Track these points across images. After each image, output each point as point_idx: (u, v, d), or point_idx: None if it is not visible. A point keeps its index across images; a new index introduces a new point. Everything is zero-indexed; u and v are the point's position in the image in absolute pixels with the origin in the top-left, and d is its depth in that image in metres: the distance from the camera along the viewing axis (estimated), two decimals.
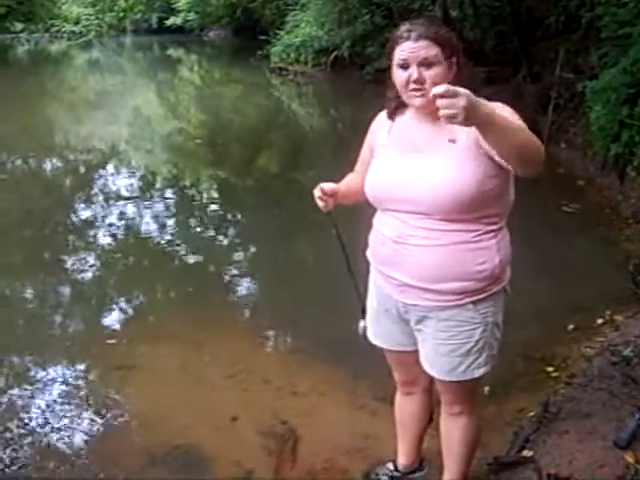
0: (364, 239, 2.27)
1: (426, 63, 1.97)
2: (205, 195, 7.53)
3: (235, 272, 5.04)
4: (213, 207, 6.93)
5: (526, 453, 2.71)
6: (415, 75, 1.97)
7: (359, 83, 13.06)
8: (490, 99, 2.06)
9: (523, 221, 5.11)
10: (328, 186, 2.23)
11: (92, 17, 18.37)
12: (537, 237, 5.03)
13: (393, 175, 2.08)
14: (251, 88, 16.13)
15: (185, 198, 7.33)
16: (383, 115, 2.25)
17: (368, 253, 2.28)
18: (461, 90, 1.64)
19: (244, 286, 4.82)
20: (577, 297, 4.14)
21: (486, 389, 3.05)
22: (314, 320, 4.01)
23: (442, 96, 1.64)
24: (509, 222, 2.16)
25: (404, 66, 1.99)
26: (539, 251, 4.76)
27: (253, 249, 5.59)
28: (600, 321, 3.83)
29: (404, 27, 2.02)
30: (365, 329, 2.37)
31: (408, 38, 1.98)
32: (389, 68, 2.11)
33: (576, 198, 6.08)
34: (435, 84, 1.95)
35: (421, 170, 2.02)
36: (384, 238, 2.14)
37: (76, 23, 20.53)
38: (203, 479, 2.76)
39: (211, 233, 6.08)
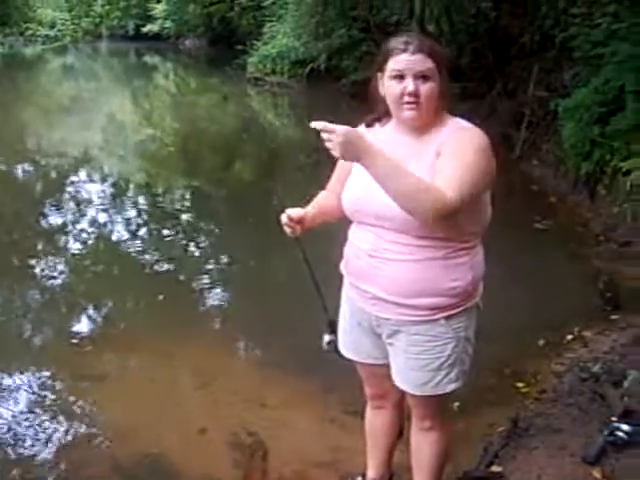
0: (331, 255, 2.26)
1: (422, 76, 1.97)
2: (178, 203, 7.48)
3: (206, 281, 5.01)
4: (185, 215, 6.88)
5: (495, 468, 2.71)
6: (411, 88, 1.96)
7: (335, 95, 13.10)
8: (463, 116, 2.09)
9: (495, 237, 5.14)
10: (295, 213, 2.19)
11: (68, 22, 18.24)
12: (509, 253, 5.04)
13: (366, 190, 2.06)
14: (227, 97, 16.09)
15: (157, 206, 7.29)
16: (362, 128, 2.25)
17: (342, 266, 2.27)
18: (339, 129, 1.79)
19: (215, 296, 4.79)
20: (547, 313, 4.15)
21: (456, 404, 3.05)
22: (285, 332, 3.98)
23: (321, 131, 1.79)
24: (482, 237, 2.16)
25: (399, 78, 1.99)
26: (511, 267, 4.78)
27: (225, 259, 5.56)
28: (570, 337, 3.86)
29: (400, 39, 2.02)
30: (330, 343, 2.33)
31: (405, 50, 1.98)
32: (372, 80, 2.11)
33: (548, 215, 6.14)
34: (429, 98, 1.97)
35: None
36: (359, 251, 2.14)
37: (51, 27, 20.36)
38: None
39: (183, 242, 6.03)
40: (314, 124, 1.83)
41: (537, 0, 8.39)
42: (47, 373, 3.64)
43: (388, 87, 2.02)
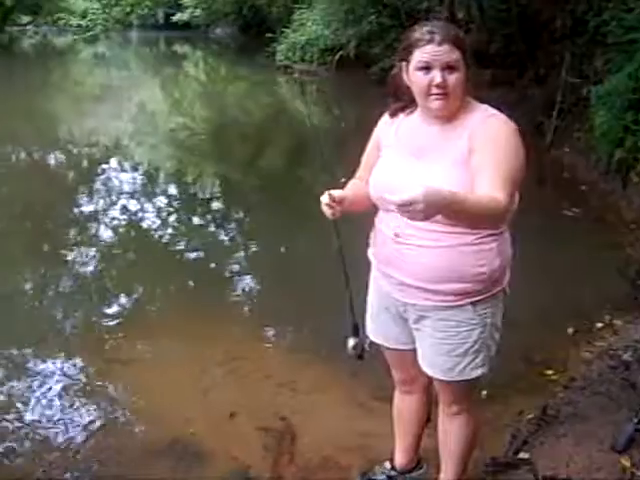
0: (364, 243, 2.26)
1: (449, 67, 1.96)
2: (208, 191, 7.54)
3: (237, 268, 5.05)
4: (215, 203, 6.93)
5: (523, 455, 2.72)
6: (439, 79, 1.96)
7: (364, 83, 13.04)
8: (491, 103, 2.10)
9: (526, 224, 5.13)
10: (337, 193, 2.14)
11: (99, 11, 18.39)
12: (539, 241, 5.03)
13: (393, 177, 2.08)
14: (256, 85, 16.14)
15: (188, 194, 7.36)
16: (386, 118, 2.26)
17: (369, 252, 2.29)
18: (417, 197, 1.64)
19: (246, 282, 4.83)
20: (577, 301, 4.14)
21: (484, 392, 3.06)
22: (315, 317, 4.01)
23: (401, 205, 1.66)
24: (511, 225, 2.16)
25: (426, 69, 1.98)
26: (541, 255, 4.77)
27: (255, 246, 5.58)
28: (600, 325, 3.84)
29: (425, 29, 2.00)
30: (355, 347, 2.28)
31: (431, 41, 1.96)
32: (395, 69, 2.12)
33: (579, 202, 6.09)
34: (457, 88, 1.98)
35: (419, 175, 2.01)
36: (385, 237, 2.15)
37: (83, 17, 20.54)
38: (200, 476, 2.76)
39: (213, 229, 6.08)
40: (389, 198, 1.70)
41: None
42: (79, 358, 3.69)
43: (414, 78, 2.02)
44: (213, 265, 5.25)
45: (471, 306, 2.09)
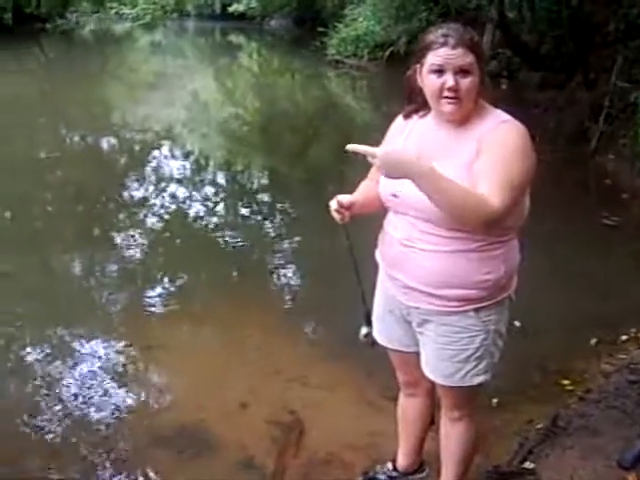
0: (375, 244, 2.28)
1: (462, 71, 1.95)
2: (255, 182, 7.63)
3: (277, 261, 5.10)
4: (262, 194, 7.00)
5: (528, 465, 2.69)
6: (451, 82, 1.95)
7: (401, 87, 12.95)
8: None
9: (560, 230, 5.15)
10: (346, 198, 2.19)
11: (149, 1, 18.65)
12: (573, 248, 4.97)
13: (402, 179, 2.09)
14: (307, 79, 16.17)
15: (235, 184, 7.47)
16: (399, 119, 2.26)
17: (377, 253, 2.30)
18: (378, 153, 1.88)
19: (283, 275, 4.88)
20: (605, 311, 4.07)
21: (495, 400, 3.06)
22: (340, 315, 4.02)
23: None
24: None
25: (438, 72, 1.98)
26: (574, 263, 4.71)
27: (297, 239, 5.61)
28: (624, 337, 3.76)
29: (440, 31, 1.99)
30: (367, 335, 2.35)
31: (445, 44, 1.95)
32: (410, 71, 2.12)
33: (619, 211, 5.95)
34: (469, 92, 1.97)
35: None
36: (392, 239, 2.16)
37: (134, 6, 20.85)
38: (205, 463, 2.81)
39: (258, 220, 6.14)
40: (350, 147, 1.91)
41: None
42: (113, 342, 3.80)
43: (427, 80, 2.01)
44: (255, 256, 5.33)
45: (474, 312, 2.08)
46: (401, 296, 2.18)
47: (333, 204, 2.19)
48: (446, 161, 2.02)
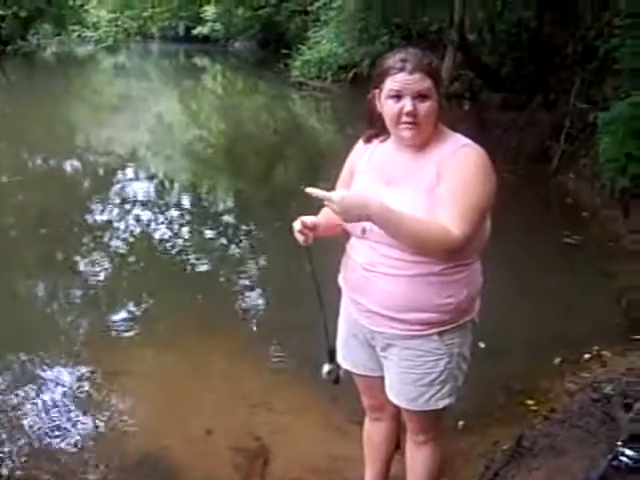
0: (337, 269, 2.27)
1: (420, 95, 1.96)
2: (220, 204, 7.62)
3: (243, 283, 5.08)
4: (227, 217, 6.99)
5: None
6: (409, 107, 1.96)
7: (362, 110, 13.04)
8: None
9: (523, 250, 5.20)
10: (310, 220, 2.17)
11: (111, 23, 18.61)
12: (535, 267, 5.02)
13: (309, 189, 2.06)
14: (272, 101, 16.22)
15: (200, 206, 7.43)
16: (360, 144, 2.26)
17: (340, 278, 2.29)
18: (334, 198, 1.90)
19: (248, 298, 4.86)
20: (568, 330, 4.10)
21: (461, 422, 3.06)
22: (305, 339, 3.97)
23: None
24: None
25: (397, 97, 1.98)
26: (535, 281, 4.75)
27: (262, 261, 5.63)
28: (587, 356, 3.78)
29: (398, 56, 1.99)
30: (329, 372, 2.31)
31: (402, 69, 1.96)
32: (369, 96, 2.12)
33: (580, 229, 6.03)
34: (428, 116, 1.98)
35: (387, 202, 2.00)
36: (354, 264, 2.15)
37: (96, 29, 20.79)
38: None
39: (223, 242, 6.12)
40: (308, 190, 1.93)
41: (581, 10, 8.24)
42: (77, 368, 3.75)
43: (386, 106, 2.02)
44: (220, 279, 5.28)
45: (437, 336, 2.08)
46: (364, 320, 2.17)
47: (297, 225, 2.16)
48: (406, 186, 2.03)
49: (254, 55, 27.88)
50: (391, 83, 1.98)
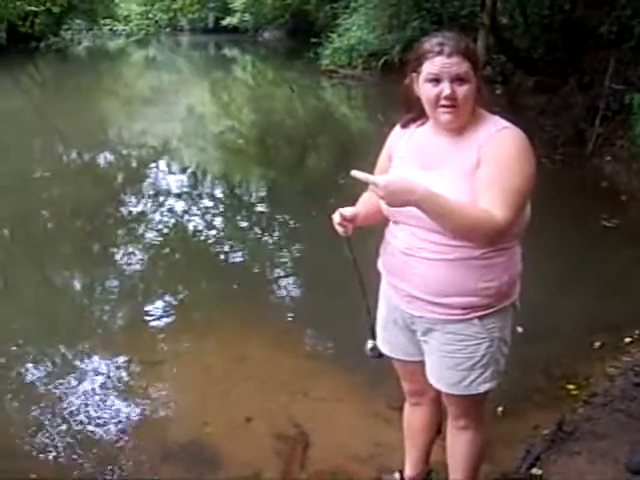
0: (376, 255, 2.27)
1: (458, 79, 1.96)
2: (253, 194, 7.63)
3: (277, 273, 5.11)
4: (261, 207, 7.00)
5: (535, 471, 2.68)
6: (447, 91, 1.96)
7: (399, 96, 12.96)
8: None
9: (560, 234, 5.15)
10: (348, 211, 2.19)
11: (142, 17, 18.73)
12: (573, 251, 4.97)
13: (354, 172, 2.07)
14: (302, 90, 16.19)
15: (234, 197, 7.47)
16: (397, 129, 2.26)
17: (379, 263, 2.29)
18: (380, 182, 1.86)
19: (283, 287, 4.88)
20: (607, 314, 4.06)
21: (500, 409, 3.06)
22: (341, 326, 4.02)
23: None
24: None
25: (435, 81, 1.98)
26: (574, 265, 4.71)
27: (297, 251, 5.64)
28: (628, 340, 3.75)
29: (435, 40, 1.99)
30: (373, 349, 2.34)
31: (441, 52, 1.96)
32: (406, 80, 2.12)
33: (618, 213, 5.94)
34: (466, 100, 1.97)
35: (428, 185, 2.01)
36: (394, 249, 2.15)
37: (128, 22, 20.93)
38: (212, 479, 2.81)
39: (257, 232, 6.15)
40: (353, 173, 1.89)
41: None
42: (118, 356, 3.80)
43: (424, 90, 2.01)
44: (255, 269, 5.29)
45: (478, 320, 2.08)
46: (404, 305, 2.18)
47: (336, 217, 2.18)
48: (446, 170, 2.02)
49: (284, 44, 27.85)
50: (429, 66, 1.98)
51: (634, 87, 7.25)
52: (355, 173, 1.89)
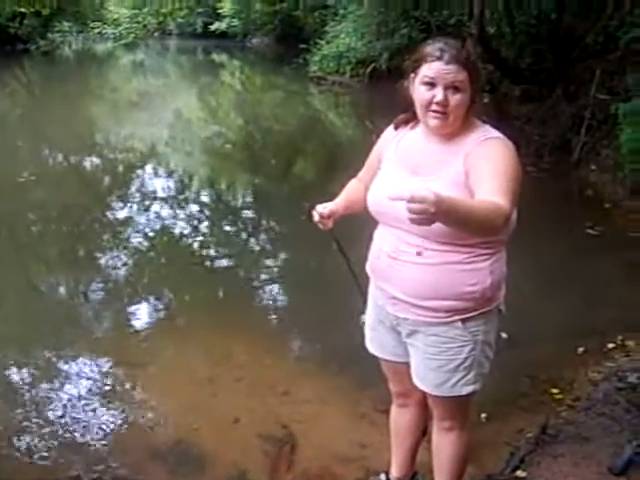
0: (365, 241, 2.30)
1: (453, 87, 1.98)
2: (240, 200, 7.64)
3: (263, 278, 5.11)
4: (247, 212, 7.01)
5: (520, 474, 2.71)
6: (440, 97, 1.98)
7: (396, 95, 13.01)
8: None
9: (545, 241, 5.19)
10: (327, 209, 2.27)
11: (132, 20, 18.73)
12: (558, 258, 5.02)
13: (389, 192, 2.11)
14: (290, 96, 16.23)
15: (220, 202, 7.47)
16: (390, 130, 2.29)
17: (367, 265, 2.32)
18: (428, 197, 1.59)
19: (268, 292, 4.88)
20: (591, 320, 4.10)
21: (483, 415, 3.09)
22: (328, 329, 4.06)
23: (409, 201, 1.60)
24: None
25: (430, 85, 2.00)
26: (558, 272, 4.75)
27: (283, 255, 5.67)
28: (611, 346, 3.79)
29: (437, 45, 2.01)
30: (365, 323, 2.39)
31: (440, 58, 1.98)
32: (405, 80, 2.14)
33: (602, 221, 6.01)
34: (457, 109, 2.00)
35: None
36: (380, 252, 2.18)
37: (117, 25, 20.91)
38: (198, 478, 2.82)
39: (243, 237, 6.16)
40: (395, 195, 1.65)
41: (602, 0, 8.17)
42: (103, 360, 3.79)
43: (417, 92, 2.04)
44: (241, 274, 5.31)
45: (461, 323, 2.10)
46: (390, 307, 2.21)
47: (315, 216, 2.27)
48: (433, 177, 2.05)
49: (272, 50, 27.87)
50: (427, 70, 2.00)
51: (619, 97, 7.32)
52: (392, 194, 1.68)
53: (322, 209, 2.27)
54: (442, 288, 2.06)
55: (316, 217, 2.27)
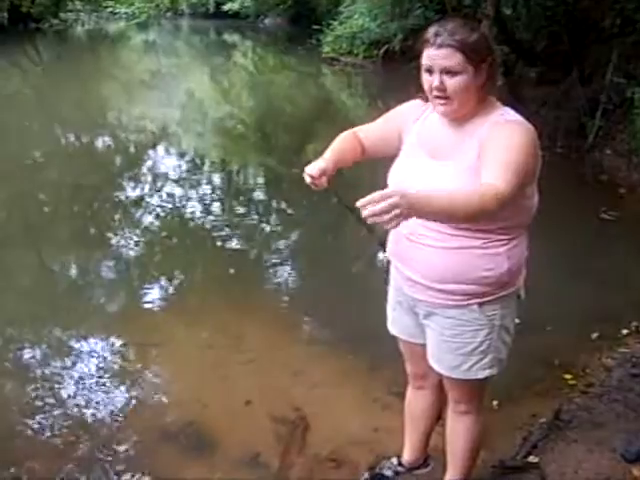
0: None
1: (447, 71, 1.94)
2: (252, 181, 7.63)
3: (275, 259, 5.11)
4: (259, 193, 6.98)
5: (532, 459, 2.71)
6: (436, 83, 1.96)
7: (409, 76, 12.90)
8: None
9: (560, 226, 5.16)
10: (316, 171, 2.14)
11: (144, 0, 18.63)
12: (572, 243, 4.98)
13: (409, 177, 2.09)
14: (303, 77, 16.15)
15: (232, 183, 7.46)
16: (417, 102, 2.21)
17: (387, 247, 2.30)
18: (392, 193, 1.60)
19: (280, 273, 4.87)
20: (605, 306, 4.08)
21: (499, 395, 3.06)
22: (341, 312, 4.06)
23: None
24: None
25: (428, 71, 1.98)
26: (573, 257, 4.72)
27: (295, 237, 5.67)
28: (625, 332, 3.77)
29: (432, 30, 1.97)
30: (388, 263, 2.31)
31: (433, 44, 1.95)
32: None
33: (617, 205, 5.96)
34: (458, 92, 1.96)
35: (433, 177, 2.02)
36: (399, 235, 2.16)
37: (129, 5, 20.78)
38: (210, 460, 2.81)
39: (255, 219, 6.14)
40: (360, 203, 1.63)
41: None
42: (116, 339, 3.79)
43: (423, 78, 2.02)
44: (253, 254, 5.32)
45: (478, 307, 2.09)
46: (407, 289, 2.20)
47: (306, 179, 2.17)
48: (449, 162, 2.03)
49: (285, 31, 27.69)
50: (424, 57, 1.98)
51: (636, 81, 7.23)
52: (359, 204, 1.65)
53: (311, 170, 2.16)
54: (458, 272, 2.05)
55: (307, 179, 2.17)
